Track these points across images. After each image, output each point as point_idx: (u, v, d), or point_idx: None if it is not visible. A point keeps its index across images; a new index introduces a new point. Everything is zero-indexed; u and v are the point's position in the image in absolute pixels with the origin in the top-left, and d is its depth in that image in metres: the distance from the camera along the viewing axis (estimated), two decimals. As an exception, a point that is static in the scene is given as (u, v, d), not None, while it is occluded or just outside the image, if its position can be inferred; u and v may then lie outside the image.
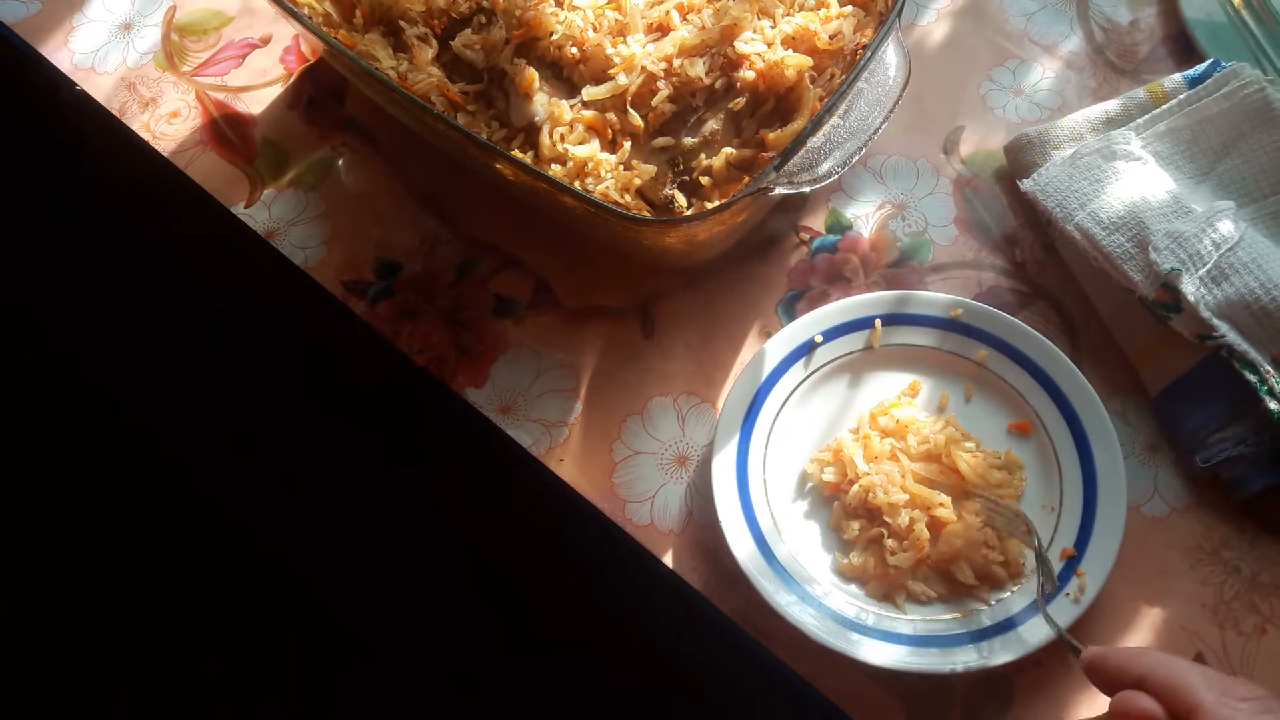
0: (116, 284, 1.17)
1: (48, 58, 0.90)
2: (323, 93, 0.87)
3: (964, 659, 0.63)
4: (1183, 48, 0.83)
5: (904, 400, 0.72)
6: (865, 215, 0.80)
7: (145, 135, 0.86)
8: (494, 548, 1.08)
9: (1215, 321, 0.66)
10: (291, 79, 0.88)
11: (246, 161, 0.85)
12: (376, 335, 0.79)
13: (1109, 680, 0.51)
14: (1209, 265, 0.66)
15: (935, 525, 0.67)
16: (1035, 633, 0.63)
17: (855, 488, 0.68)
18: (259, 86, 0.88)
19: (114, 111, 0.88)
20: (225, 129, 0.87)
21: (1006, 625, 0.64)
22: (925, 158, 0.81)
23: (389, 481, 1.10)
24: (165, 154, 0.86)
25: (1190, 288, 0.66)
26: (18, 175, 1.18)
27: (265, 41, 0.90)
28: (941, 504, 0.67)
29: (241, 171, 0.85)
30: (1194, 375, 0.69)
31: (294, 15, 0.71)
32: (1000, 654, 0.63)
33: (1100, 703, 0.64)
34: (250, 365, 1.11)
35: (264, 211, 0.83)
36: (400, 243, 0.81)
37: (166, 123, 0.87)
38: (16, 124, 1.12)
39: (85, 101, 0.89)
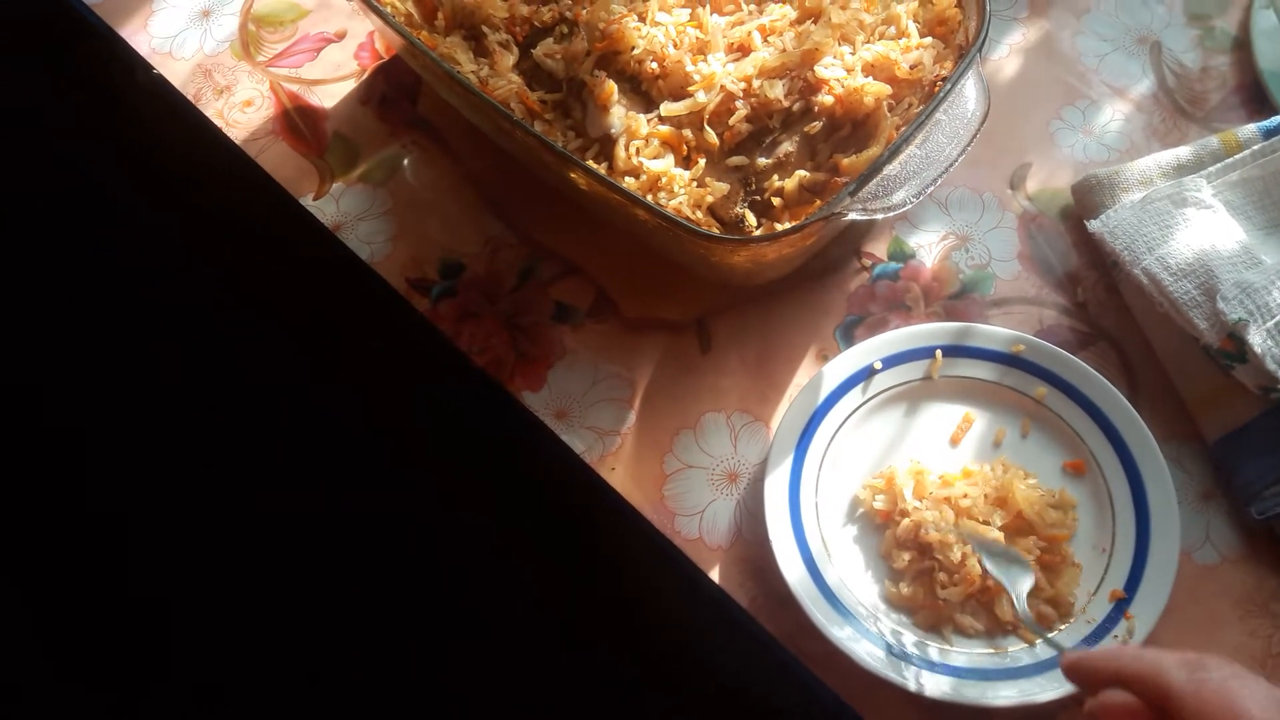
0: (177, 269, 1.18)
1: (126, 40, 0.92)
2: (395, 91, 0.88)
3: (1008, 694, 0.63)
4: (1254, 97, 0.83)
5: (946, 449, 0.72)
6: (929, 245, 0.80)
7: (219, 122, 0.88)
8: (527, 550, 1.09)
9: (1280, 374, 0.66)
10: (365, 75, 0.90)
11: (317, 154, 0.86)
12: (434, 335, 0.80)
13: (1089, 680, 0.52)
14: (1278, 317, 0.66)
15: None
16: (1082, 673, 0.63)
17: (906, 521, 0.68)
18: (332, 80, 0.89)
19: (189, 97, 0.89)
20: (297, 120, 0.88)
21: (1051, 663, 0.64)
22: (991, 191, 0.82)
23: (433, 481, 1.11)
24: (237, 141, 0.87)
25: (1258, 339, 0.66)
26: (91, 155, 1.19)
27: (340, 36, 0.91)
28: (996, 540, 0.67)
29: (312, 164, 0.86)
30: (1254, 426, 0.69)
31: (378, 13, 0.72)
32: (1044, 691, 0.63)
33: None
34: (305, 358, 1.12)
35: (332, 205, 0.84)
36: (465, 244, 0.82)
37: (240, 111, 0.88)
38: (93, 104, 1.14)
39: (161, 85, 0.90)
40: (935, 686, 0.63)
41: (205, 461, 1.19)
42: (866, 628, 0.66)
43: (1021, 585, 0.64)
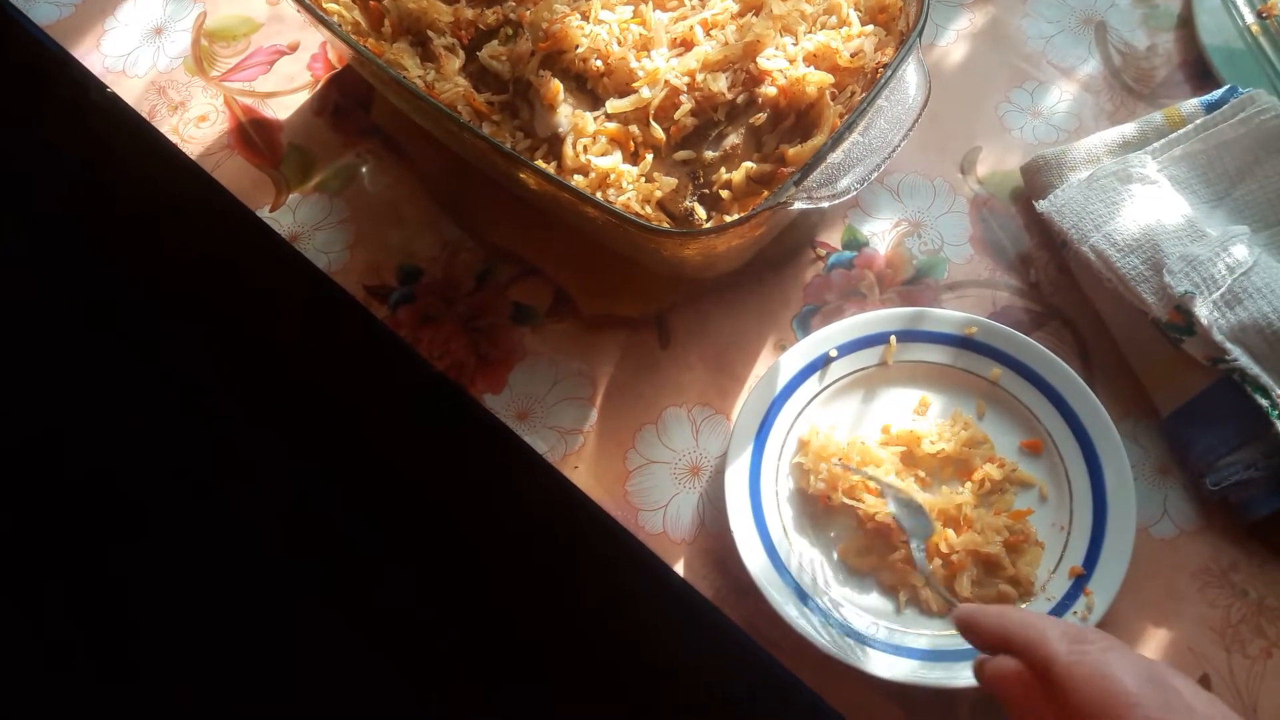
0: (138, 285, 1.18)
1: (79, 60, 0.92)
2: (348, 100, 0.89)
3: (968, 675, 0.63)
4: (1200, 73, 0.84)
5: (914, 418, 0.73)
6: (882, 232, 0.81)
7: (174, 138, 0.88)
8: (497, 553, 1.09)
9: (1228, 345, 0.67)
10: (318, 86, 0.90)
11: (273, 166, 0.86)
12: (394, 341, 0.80)
13: (978, 638, 0.53)
14: (1223, 289, 0.67)
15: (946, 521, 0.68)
16: (1043, 650, 0.64)
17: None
18: (286, 93, 0.90)
19: (143, 114, 0.89)
20: (252, 134, 0.88)
21: (1014, 642, 0.65)
22: (942, 177, 0.82)
23: (399, 487, 1.11)
24: (193, 157, 0.87)
25: (1203, 311, 0.67)
26: (47, 175, 1.19)
27: (293, 49, 0.92)
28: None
29: (267, 176, 0.86)
30: (1205, 398, 0.69)
31: (324, 23, 0.72)
32: (1008, 670, 0.63)
33: None
34: (266, 367, 1.12)
35: (289, 215, 0.84)
36: (422, 249, 0.82)
37: (195, 126, 0.88)
38: (48, 125, 1.14)
39: (115, 104, 0.90)
40: (898, 669, 0.64)
41: (172, 468, 1.20)
42: (829, 613, 0.66)
43: (921, 534, 0.66)
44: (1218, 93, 0.77)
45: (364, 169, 0.86)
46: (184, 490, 1.19)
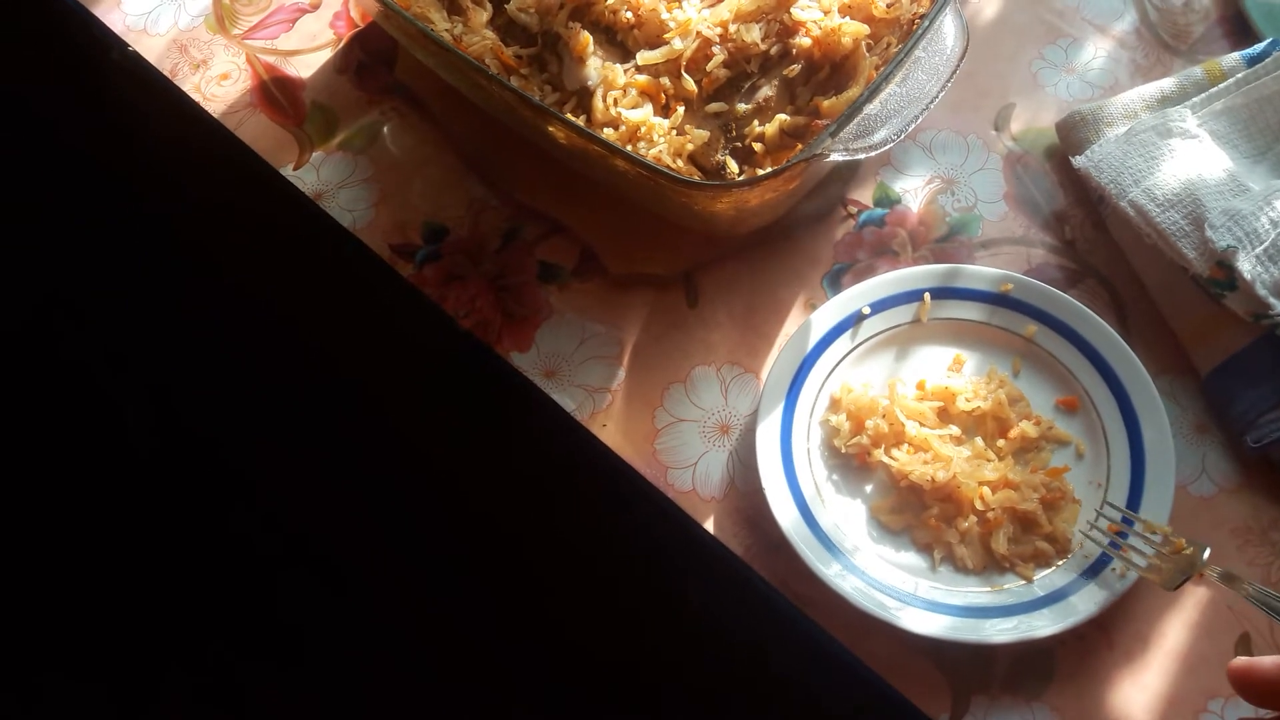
0: (160, 245, 1.18)
1: (100, 19, 0.91)
2: (372, 58, 0.88)
3: (1004, 630, 0.63)
4: (1238, 28, 0.82)
5: (950, 375, 0.72)
6: (914, 190, 0.80)
7: (196, 96, 0.87)
8: (521, 514, 1.08)
9: (1271, 300, 0.65)
10: (341, 44, 0.89)
11: (296, 124, 0.85)
12: (419, 300, 0.79)
13: (1257, 691, 0.49)
14: (1266, 244, 0.66)
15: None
16: (1079, 606, 0.63)
17: (887, 455, 0.69)
18: (309, 50, 0.89)
19: (165, 73, 0.88)
20: (275, 92, 0.87)
21: (1051, 599, 0.64)
22: (975, 134, 0.81)
23: (419, 453, 1.11)
24: (215, 115, 0.86)
25: (1246, 265, 0.66)
26: (68, 135, 1.19)
27: (315, 6, 0.91)
28: (984, 461, 0.67)
29: (290, 134, 0.85)
30: (1246, 354, 0.68)
31: (350, -25, 0.71)
32: (1043, 627, 0.63)
33: (1143, 684, 0.63)
34: (288, 328, 1.11)
35: (313, 174, 0.83)
36: (447, 208, 0.81)
37: (217, 85, 0.88)
38: (69, 84, 1.14)
39: (137, 63, 0.89)
40: (931, 624, 0.63)
41: (192, 430, 1.19)
42: (861, 570, 0.65)
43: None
44: (1259, 46, 0.76)
45: (387, 127, 0.85)
46: (202, 452, 1.19)
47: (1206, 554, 0.61)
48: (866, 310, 0.73)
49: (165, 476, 1.21)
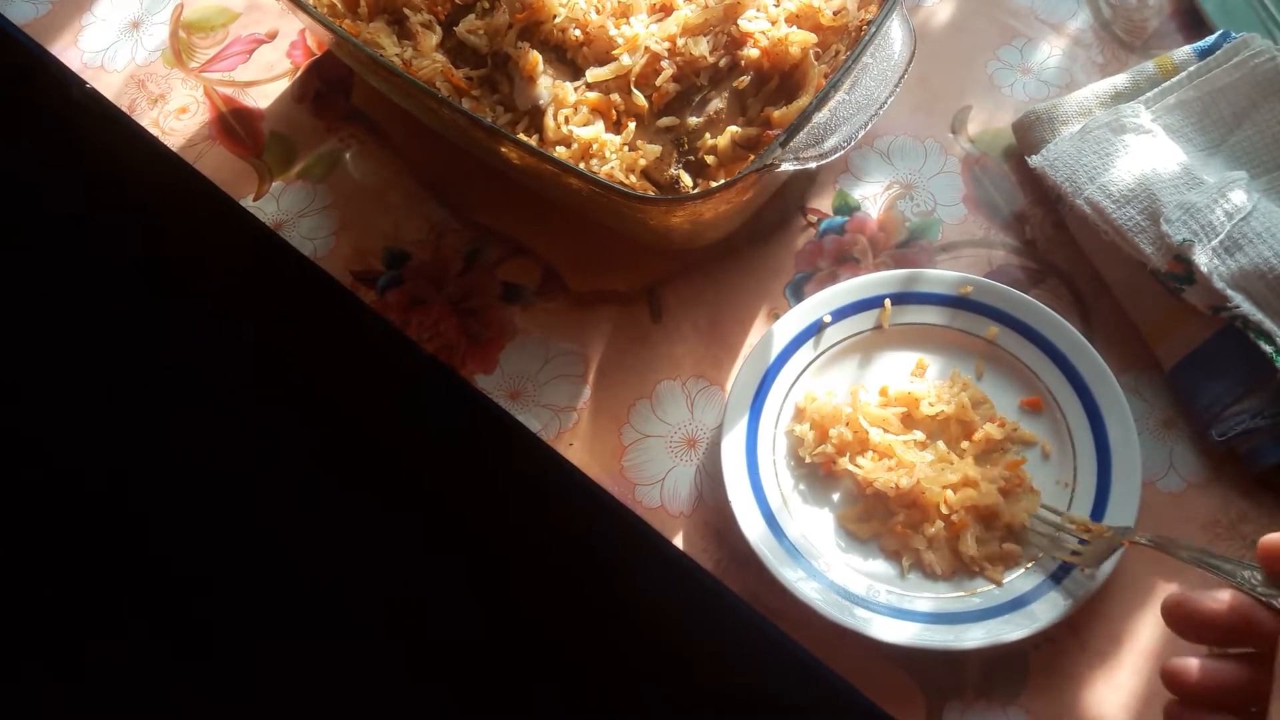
0: (124, 277, 1.18)
1: (58, 57, 0.91)
2: (329, 86, 0.88)
3: (976, 636, 0.62)
4: (1192, 22, 0.82)
5: (913, 380, 0.72)
6: (873, 196, 0.79)
7: (155, 131, 0.87)
8: (496, 535, 1.08)
9: (1229, 292, 0.65)
10: (298, 73, 0.89)
11: (255, 155, 0.85)
12: (384, 325, 0.79)
13: (1196, 629, 0.47)
14: (1221, 236, 0.66)
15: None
16: (1048, 608, 0.63)
17: (852, 463, 0.68)
18: (266, 81, 0.89)
19: (124, 108, 0.88)
20: (233, 123, 0.87)
21: (1019, 602, 0.64)
22: (933, 137, 0.81)
23: (393, 473, 1.10)
24: (174, 149, 0.86)
25: (1203, 259, 0.66)
26: (28, 175, 1.19)
27: (271, 37, 0.91)
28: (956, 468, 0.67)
29: (250, 165, 0.85)
30: (1208, 348, 0.68)
31: (301, 6, 0.71)
32: (1013, 631, 0.62)
33: (1117, 684, 0.63)
34: (255, 357, 1.11)
35: (273, 204, 0.83)
36: (408, 232, 0.81)
37: (175, 118, 0.87)
38: (27, 123, 1.14)
39: (95, 99, 0.89)
40: (901, 632, 0.62)
41: (164, 461, 1.19)
42: (830, 579, 0.65)
43: None
44: (1210, 39, 0.76)
45: (347, 155, 0.85)
46: (177, 484, 1.19)
47: (1128, 530, 0.62)
48: (828, 318, 0.72)
49: (134, 504, 1.21)
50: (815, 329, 0.72)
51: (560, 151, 0.69)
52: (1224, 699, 0.46)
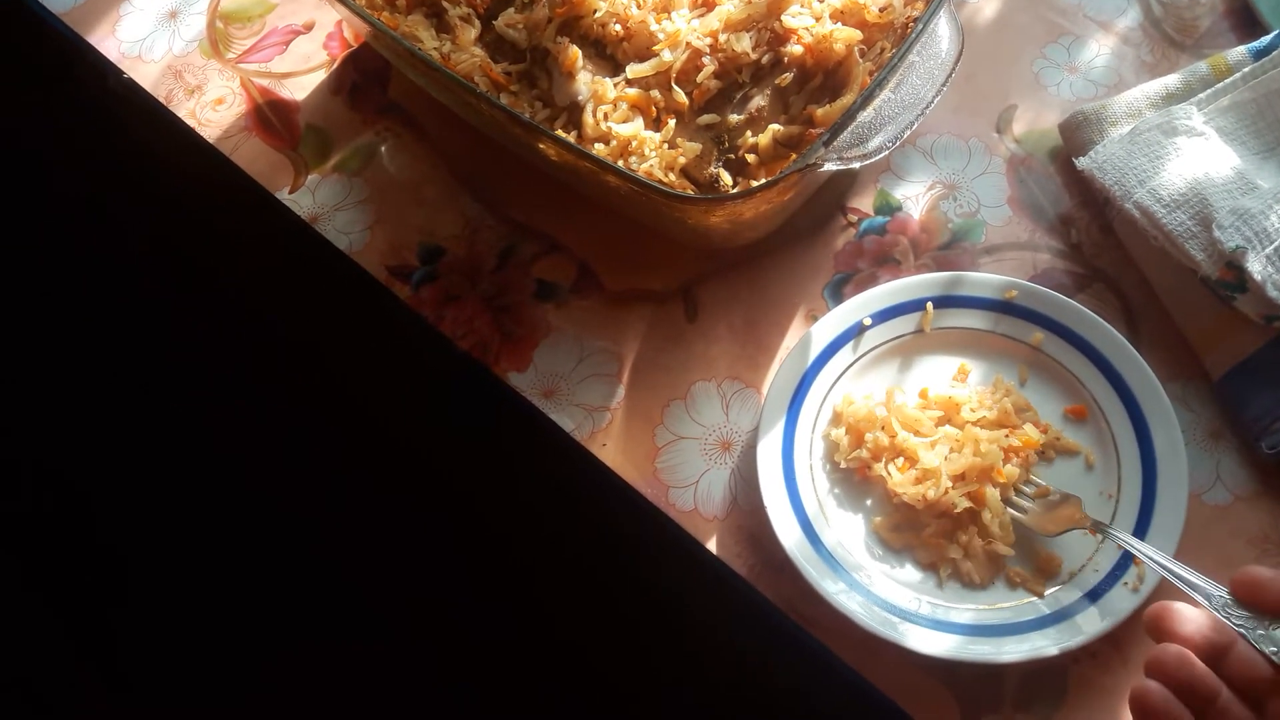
0: (158, 269, 1.18)
1: (95, 46, 0.91)
2: (366, 79, 0.87)
3: (1016, 649, 0.61)
4: (1245, 21, 0.80)
5: (954, 385, 0.70)
6: (915, 196, 0.78)
7: (191, 122, 0.87)
8: (524, 536, 1.07)
9: (1283, 301, 0.64)
10: (335, 65, 0.88)
11: (291, 147, 0.85)
12: (417, 322, 0.79)
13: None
14: (1277, 243, 0.64)
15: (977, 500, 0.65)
16: (1089, 623, 0.61)
17: (886, 470, 0.67)
18: (303, 73, 0.88)
19: (160, 99, 0.88)
20: (270, 115, 0.87)
21: (1060, 616, 0.62)
22: (977, 137, 0.79)
23: (421, 473, 1.10)
24: (210, 140, 0.86)
25: (1257, 266, 0.64)
26: (67, 164, 1.19)
27: (308, 28, 0.90)
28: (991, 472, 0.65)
29: (286, 157, 0.85)
30: (1260, 358, 0.66)
31: (338, -2, 0.70)
32: (1054, 644, 0.61)
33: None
34: (287, 354, 1.11)
35: (308, 197, 0.83)
36: (443, 228, 0.81)
37: (212, 109, 0.87)
38: (65, 112, 1.14)
39: (132, 89, 0.89)
40: (939, 644, 0.61)
41: (191, 455, 1.19)
42: (867, 589, 0.64)
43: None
44: (1266, 39, 0.74)
45: (383, 148, 0.85)
46: (204, 478, 1.19)
47: (1073, 499, 0.64)
48: (868, 321, 0.71)
49: (177, 495, 1.22)
50: (855, 331, 0.71)
51: (599, 148, 0.69)
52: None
